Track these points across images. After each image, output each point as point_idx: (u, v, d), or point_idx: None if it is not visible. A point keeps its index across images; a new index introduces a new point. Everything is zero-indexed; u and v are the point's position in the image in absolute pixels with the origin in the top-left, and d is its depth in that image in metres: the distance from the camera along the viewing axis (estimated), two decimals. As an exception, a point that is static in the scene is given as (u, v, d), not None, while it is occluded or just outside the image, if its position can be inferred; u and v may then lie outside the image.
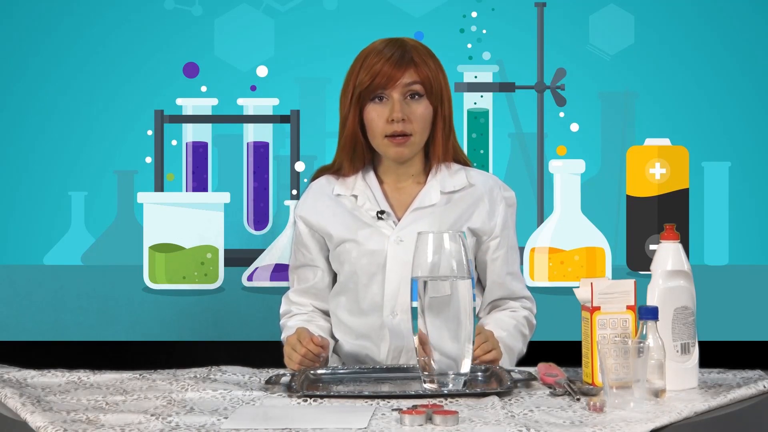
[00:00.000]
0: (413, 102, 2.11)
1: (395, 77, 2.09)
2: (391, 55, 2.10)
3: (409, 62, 2.10)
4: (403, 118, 2.09)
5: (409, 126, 2.11)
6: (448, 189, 2.17)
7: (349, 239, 2.15)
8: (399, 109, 2.09)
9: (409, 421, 1.58)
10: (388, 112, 2.10)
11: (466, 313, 1.79)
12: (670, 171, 3.19)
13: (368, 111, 2.12)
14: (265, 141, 3.23)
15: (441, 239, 1.80)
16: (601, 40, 3.20)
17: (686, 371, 1.85)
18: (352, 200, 2.18)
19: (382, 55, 2.10)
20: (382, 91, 2.10)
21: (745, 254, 3.19)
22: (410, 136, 2.11)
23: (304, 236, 2.21)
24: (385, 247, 2.13)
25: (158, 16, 3.21)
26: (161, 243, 3.19)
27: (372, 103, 2.11)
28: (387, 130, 2.10)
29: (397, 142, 2.11)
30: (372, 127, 2.12)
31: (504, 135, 3.22)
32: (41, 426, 1.59)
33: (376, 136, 2.13)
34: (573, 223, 3.19)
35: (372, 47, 2.14)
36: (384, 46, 2.12)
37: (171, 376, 1.98)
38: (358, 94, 2.11)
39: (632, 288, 1.84)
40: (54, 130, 3.20)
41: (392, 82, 2.09)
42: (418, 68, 2.11)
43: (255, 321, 3.16)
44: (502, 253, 2.20)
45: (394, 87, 2.10)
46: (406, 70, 2.10)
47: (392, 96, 2.10)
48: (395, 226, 2.15)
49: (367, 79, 2.10)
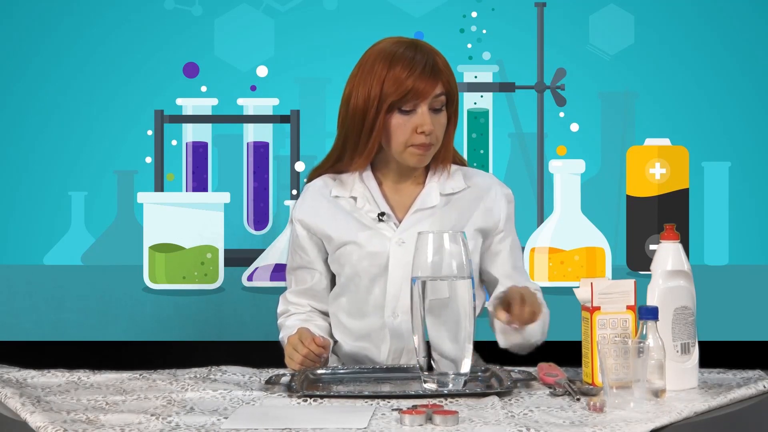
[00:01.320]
0: (439, 114, 2.11)
1: (428, 93, 2.08)
2: (423, 68, 2.08)
3: (438, 74, 2.09)
4: (432, 130, 2.10)
5: (434, 137, 2.11)
6: (447, 191, 2.17)
7: (350, 241, 2.14)
8: (429, 122, 2.09)
9: (409, 421, 1.58)
10: (416, 123, 2.09)
11: (465, 314, 1.79)
12: (670, 171, 3.19)
13: (393, 119, 2.10)
14: (265, 141, 3.23)
15: (441, 239, 1.80)
16: (601, 40, 3.20)
17: (686, 371, 1.85)
18: (351, 202, 2.17)
19: (413, 67, 2.08)
20: (413, 103, 2.09)
21: (745, 254, 3.19)
22: (433, 145, 2.12)
23: (302, 239, 2.21)
24: (386, 249, 2.12)
25: (158, 16, 3.21)
26: (161, 243, 3.19)
27: (398, 112, 2.10)
28: (414, 140, 2.10)
29: (422, 151, 2.11)
30: (396, 134, 2.10)
31: (504, 135, 3.22)
32: (41, 426, 1.59)
33: (399, 144, 2.11)
34: (573, 223, 3.19)
35: (395, 51, 2.10)
36: (412, 54, 2.09)
37: (171, 376, 1.98)
38: (389, 103, 2.09)
39: (632, 288, 1.84)
40: (54, 130, 3.20)
41: (424, 97, 2.08)
42: (445, 80, 2.10)
43: (255, 321, 3.16)
44: (507, 247, 2.19)
45: (425, 101, 2.09)
46: (436, 83, 2.09)
47: (422, 108, 2.09)
48: (396, 228, 2.15)
49: (400, 92, 2.07)
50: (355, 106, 2.11)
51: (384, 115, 2.09)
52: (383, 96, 2.08)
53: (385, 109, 2.09)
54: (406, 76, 2.07)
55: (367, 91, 2.10)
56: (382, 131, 2.11)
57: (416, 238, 1.82)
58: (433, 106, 2.10)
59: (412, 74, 2.07)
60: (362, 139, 2.12)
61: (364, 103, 2.10)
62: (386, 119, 2.10)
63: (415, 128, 2.09)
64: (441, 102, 2.11)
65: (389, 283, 2.12)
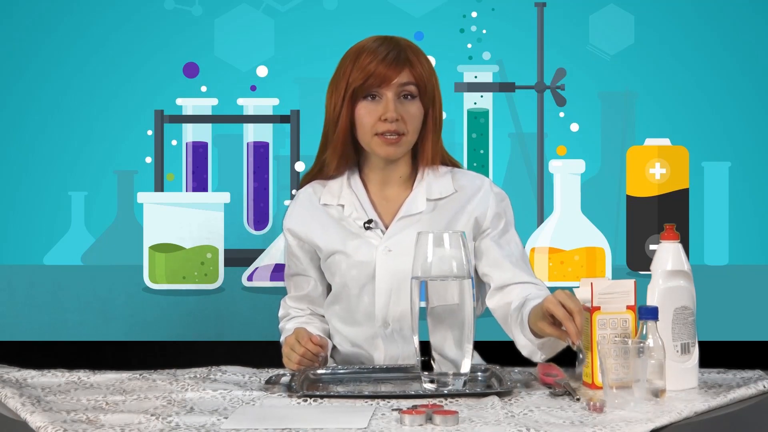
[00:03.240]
0: (406, 102, 2.09)
1: (390, 77, 2.06)
2: (387, 54, 2.07)
3: (404, 62, 2.07)
4: (397, 117, 2.07)
5: (402, 125, 2.08)
6: (435, 196, 2.13)
7: (339, 251, 2.13)
8: (393, 108, 2.06)
9: (409, 421, 1.58)
10: (381, 110, 2.07)
11: (465, 314, 1.79)
12: (670, 171, 3.19)
13: (359, 108, 2.09)
14: (265, 141, 3.23)
15: (441, 239, 1.80)
16: (601, 40, 3.20)
17: (686, 371, 1.85)
18: (340, 210, 2.15)
19: (377, 54, 2.07)
20: (376, 89, 2.08)
21: (745, 254, 3.19)
22: (403, 135, 2.09)
23: (294, 248, 2.20)
24: (373, 257, 2.10)
25: (158, 16, 3.21)
26: (161, 243, 3.19)
27: (364, 101, 2.08)
28: (379, 128, 2.07)
29: (389, 142, 2.08)
30: (363, 124, 2.09)
31: (504, 135, 3.22)
32: (41, 426, 1.59)
33: (366, 133, 2.09)
34: (573, 223, 3.19)
35: (364, 45, 2.11)
36: (378, 45, 2.09)
37: (171, 376, 1.98)
38: (351, 92, 2.08)
39: (632, 288, 1.84)
40: (54, 130, 3.20)
41: (387, 82, 2.06)
42: (413, 68, 2.08)
43: (255, 321, 3.16)
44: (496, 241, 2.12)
45: (388, 86, 2.07)
46: (401, 70, 2.07)
47: (386, 95, 2.07)
48: (383, 236, 2.12)
49: (361, 78, 2.06)
50: (329, 105, 2.12)
51: (349, 104, 2.08)
52: (348, 86, 2.08)
53: (350, 96, 2.08)
54: (368, 62, 2.07)
55: (337, 86, 2.10)
56: (348, 121, 2.09)
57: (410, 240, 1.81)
58: (401, 94, 2.08)
59: (375, 59, 2.07)
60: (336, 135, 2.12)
61: (335, 99, 2.10)
62: (354, 109, 2.09)
63: (380, 116, 2.08)
64: (409, 91, 2.08)
65: (377, 292, 2.10)
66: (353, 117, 2.10)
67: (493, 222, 2.14)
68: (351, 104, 2.09)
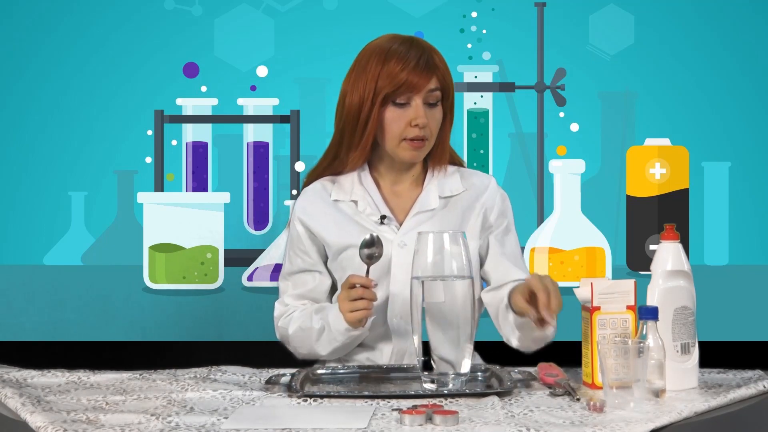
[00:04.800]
0: (432, 108, 2.12)
1: (421, 86, 2.09)
2: (417, 61, 2.09)
3: (433, 69, 2.10)
4: (426, 123, 2.10)
5: (428, 131, 2.12)
6: (446, 193, 2.18)
7: (353, 245, 2.13)
8: (423, 114, 2.09)
9: (409, 421, 1.58)
10: (411, 116, 2.10)
11: (466, 314, 1.79)
12: (670, 171, 3.19)
13: (387, 113, 2.11)
14: (265, 141, 3.23)
15: (441, 239, 1.80)
16: (601, 40, 3.20)
17: (686, 371, 1.85)
18: (352, 206, 2.17)
19: (407, 60, 2.09)
20: (407, 96, 2.10)
21: (745, 254, 3.19)
22: (426, 140, 2.12)
23: (305, 240, 2.20)
24: (389, 251, 2.12)
25: (158, 16, 3.21)
26: (161, 243, 3.19)
27: (392, 105, 2.10)
28: (408, 134, 2.10)
29: (416, 146, 2.11)
30: (390, 129, 2.11)
31: (504, 135, 3.22)
32: (41, 426, 1.59)
33: (393, 138, 2.12)
34: (573, 223, 3.19)
35: (389, 47, 2.11)
36: (406, 50, 2.10)
37: (171, 376, 1.98)
38: (383, 97, 2.10)
39: (632, 288, 1.85)
40: (54, 130, 3.20)
41: (418, 90, 2.09)
42: (439, 73, 2.11)
43: (255, 321, 3.16)
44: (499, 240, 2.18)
45: (419, 93, 2.09)
46: (430, 77, 2.09)
47: (416, 101, 2.10)
48: (397, 231, 2.15)
49: (393, 85, 2.08)
50: (351, 103, 2.12)
51: (378, 109, 2.10)
52: (377, 90, 2.09)
53: (379, 102, 2.10)
54: (399, 69, 2.08)
55: (363, 87, 2.11)
56: (376, 125, 2.11)
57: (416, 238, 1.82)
58: (428, 100, 2.11)
59: (406, 67, 2.08)
60: (357, 135, 2.13)
61: (359, 99, 2.11)
62: (381, 113, 2.11)
63: (410, 121, 2.10)
64: (436, 97, 2.11)
65: (392, 284, 2.11)
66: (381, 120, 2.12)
67: (497, 220, 2.19)
68: (380, 108, 2.11)
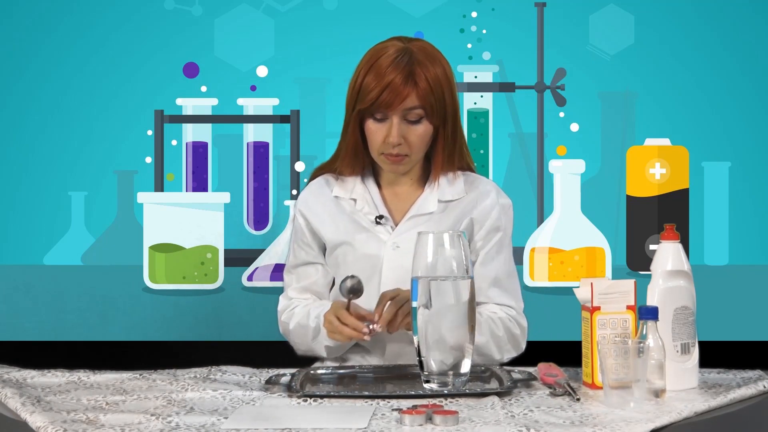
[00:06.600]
0: (412, 125, 2.09)
1: (395, 105, 2.06)
2: (393, 78, 2.05)
3: (412, 86, 2.06)
4: (400, 142, 2.09)
5: (406, 148, 2.10)
6: (447, 197, 2.17)
7: (346, 242, 2.14)
8: (396, 133, 2.08)
9: (409, 421, 1.58)
10: (386, 132, 2.09)
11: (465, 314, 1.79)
12: (670, 171, 3.19)
13: (368, 125, 2.11)
14: (265, 141, 3.23)
15: (441, 239, 1.80)
16: (601, 40, 3.20)
17: (686, 371, 1.85)
18: (351, 203, 2.18)
19: (384, 77, 2.05)
20: (383, 112, 2.08)
21: (745, 254, 3.18)
22: (407, 156, 2.11)
23: (307, 232, 2.21)
24: (381, 252, 2.12)
25: (158, 16, 3.21)
26: (161, 243, 3.19)
27: (372, 119, 2.10)
28: (384, 149, 2.10)
29: (393, 161, 2.11)
30: (371, 141, 2.12)
31: (504, 135, 3.22)
32: (41, 426, 1.59)
33: (373, 150, 2.13)
34: (573, 223, 3.19)
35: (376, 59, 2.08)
36: (389, 63, 2.06)
37: (171, 376, 1.98)
38: (359, 111, 2.09)
39: (632, 288, 1.85)
40: (54, 130, 3.20)
41: (391, 108, 2.07)
42: (420, 92, 2.06)
43: (255, 321, 3.16)
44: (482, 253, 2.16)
45: (394, 111, 2.08)
46: (406, 96, 2.06)
47: (392, 119, 2.08)
48: (392, 232, 2.15)
49: (367, 102, 2.06)
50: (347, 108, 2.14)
51: (356, 119, 2.11)
52: (357, 102, 2.09)
53: (356, 116, 2.10)
54: (374, 86, 2.06)
55: (348, 96, 2.12)
56: (357, 135, 2.13)
57: (416, 238, 1.82)
58: (408, 117, 2.08)
59: (379, 85, 2.05)
60: (343, 141, 2.16)
61: (347, 104, 2.13)
62: (365, 125, 2.11)
63: (384, 138, 2.09)
64: (417, 114, 2.08)
65: (383, 285, 2.11)
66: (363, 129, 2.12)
67: (488, 235, 2.17)
68: (359, 119, 2.12)
